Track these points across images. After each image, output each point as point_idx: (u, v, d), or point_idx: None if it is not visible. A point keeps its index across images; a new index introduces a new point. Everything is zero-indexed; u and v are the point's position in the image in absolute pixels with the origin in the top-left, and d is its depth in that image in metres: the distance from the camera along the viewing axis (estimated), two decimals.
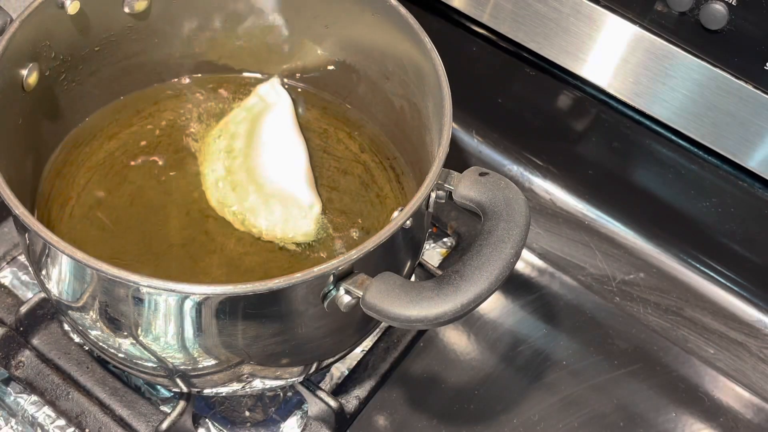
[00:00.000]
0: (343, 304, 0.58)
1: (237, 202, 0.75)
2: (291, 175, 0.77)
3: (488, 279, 0.57)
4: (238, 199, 0.75)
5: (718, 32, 0.74)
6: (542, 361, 0.83)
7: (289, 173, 0.77)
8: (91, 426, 0.74)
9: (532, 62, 0.89)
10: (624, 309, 0.88)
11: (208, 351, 0.62)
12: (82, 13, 0.72)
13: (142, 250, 0.72)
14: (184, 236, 0.74)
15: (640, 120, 0.86)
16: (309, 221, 0.75)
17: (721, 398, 0.82)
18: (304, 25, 0.79)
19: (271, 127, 0.79)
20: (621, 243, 0.92)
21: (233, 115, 0.81)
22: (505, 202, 0.61)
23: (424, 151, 0.74)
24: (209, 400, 0.79)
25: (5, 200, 0.58)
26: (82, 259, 0.56)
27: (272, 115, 0.80)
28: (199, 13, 0.80)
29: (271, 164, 0.77)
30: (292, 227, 0.74)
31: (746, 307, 0.88)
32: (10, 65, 0.66)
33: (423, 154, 0.74)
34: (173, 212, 0.75)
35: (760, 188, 0.82)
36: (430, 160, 0.63)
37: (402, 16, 0.70)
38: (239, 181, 0.76)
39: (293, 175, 0.77)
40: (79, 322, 0.65)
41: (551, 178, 0.95)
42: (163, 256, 0.72)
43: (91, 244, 0.72)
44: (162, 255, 0.72)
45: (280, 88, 0.82)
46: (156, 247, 0.73)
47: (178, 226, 0.75)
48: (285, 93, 0.82)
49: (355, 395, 0.78)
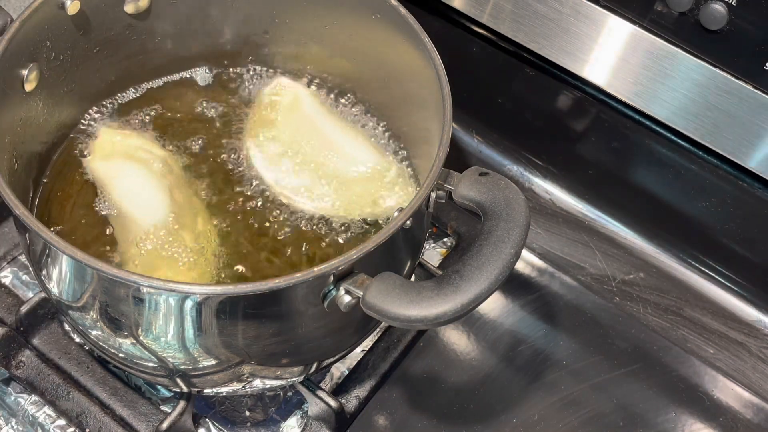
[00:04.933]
0: (343, 304, 0.58)
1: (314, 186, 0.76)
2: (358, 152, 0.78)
3: (488, 279, 0.57)
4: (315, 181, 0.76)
5: (717, 32, 0.74)
6: (542, 361, 0.83)
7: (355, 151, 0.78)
8: (91, 426, 0.74)
9: (532, 62, 0.89)
10: (624, 309, 0.88)
11: (208, 351, 0.62)
12: (82, 13, 0.72)
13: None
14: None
15: (639, 120, 0.86)
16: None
17: (720, 398, 0.82)
18: (305, 25, 0.79)
19: (311, 115, 0.80)
20: (621, 243, 0.92)
21: (260, 112, 0.81)
22: (505, 202, 0.61)
23: (424, 150, 0.74)
24: (209, 400, 0.79)
25: (5, 200, 0.58)
26: (82, 258, 0.56)
27: (302, 105, 0.81)
28: (199, 13, 0.80)
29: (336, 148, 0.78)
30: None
31: (746, 307, 0.88)
32: (10, 65, 0.66)
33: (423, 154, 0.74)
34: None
35: (760, 188, 0.82)
36: (430, 160, 0.63)
37: (402, 16, 0.70)
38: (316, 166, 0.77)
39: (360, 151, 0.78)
40: (80, 322, 0.65)
41: (551, 178, 0.95)
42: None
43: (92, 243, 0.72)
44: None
45: (292, 83, 0.83)
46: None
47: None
48: (300, 86, 0.82)
49: (355, 395, 0.78)
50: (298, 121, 0.80)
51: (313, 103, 0.81)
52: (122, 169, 0.75)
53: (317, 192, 0.76)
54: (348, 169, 0.77)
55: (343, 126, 0.81)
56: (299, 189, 0.76)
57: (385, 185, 0.77)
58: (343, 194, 0.76)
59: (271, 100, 0.81)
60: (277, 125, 0.79)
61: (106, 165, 0.75)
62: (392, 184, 0.77)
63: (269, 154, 0.78)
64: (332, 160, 0.78)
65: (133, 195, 0.73)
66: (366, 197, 0.76)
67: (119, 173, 0.74)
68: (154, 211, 0.72)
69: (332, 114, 0.81)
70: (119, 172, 0.75)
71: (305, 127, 0.79)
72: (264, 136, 0.79)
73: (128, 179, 0.74)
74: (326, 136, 0.79)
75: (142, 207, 0.72)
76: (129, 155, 0.76)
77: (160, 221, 0.71)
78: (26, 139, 0.71)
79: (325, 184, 0.76)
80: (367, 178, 0.77)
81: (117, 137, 0.77)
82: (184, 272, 0.70)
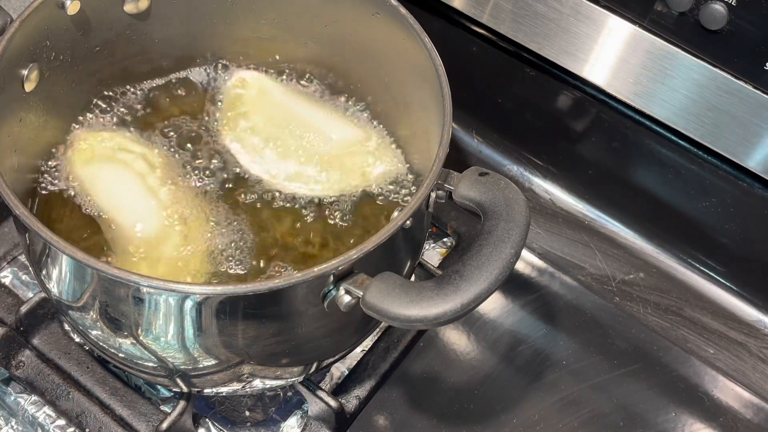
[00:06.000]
0: (343, 304, 0.58)
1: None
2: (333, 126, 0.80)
3: (488, 279, 0.57)
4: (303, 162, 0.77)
5: (717, 32, 0.74)
6: (542, 361, 0.83)
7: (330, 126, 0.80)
8: (91, 426, 0.74)
9: (532, 62, 0.89)
10: (624, 309, 0.88)
11: (208, 351, 0.62)
12: (82, 13, 0.72)
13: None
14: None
15: (639, 120, 0.86)
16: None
17: (720, 398, 0.82)
18: (305, 24, 0.79)
19: (281, 100, 0.81)
20: (621, 243, 0.92)
21: (230, 105, 0.82)
22: (505, 202, 0.61)
23: (424, 150, 0.74)
24: (209, 400, 0.79)
25: (5, 200, 0.58)
26: (82, 259, 0.56)
27: (269, 93, 0.82)
28: (199, 13, 0.80)
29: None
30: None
31: (746, 307, 0.88)
32: (10, 65, 0.66)
33: (423, 154, 0.74)
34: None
35: (760, 188, 0.82)
36: (430, 160, 0.63)
37: (402, 16, 0.70)
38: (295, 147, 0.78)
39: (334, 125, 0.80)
40: (80, 321, 0.65)
41: (551, 178, 0.95)
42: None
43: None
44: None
45: (257, 74, 0.83)
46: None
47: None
48: (264, 77, 0.83)
49: (355, 395, 0.78)
50: (270, 109, 0.80)
51: (281, 90, 0.82)
52: (109, 171, 0.75)
53: (306, 175, 0.77)
54: (330, 146, 0.78)
55: (314, 106, 0.81)
56: (289, 175, 0.77)
57: (369, 154, 0.78)
58: (332, 172, 0.77)
59: (237, 93, 0.82)
60: (250, 116, 0.80)
61: (91, 168, 0.75)
62: (376, 152, 0.79)
63: (250, 146, 0.79)
64: (313, 140, 0.79)
65: (121, 196, 0.73)
66: (354, 170, 0.77)
67: (105, 175, 0.74)
68: (145, 212, 0.72)
69: (302, 96, 0.82)
70: (105, 174, 0.74)
71: (279, 113, 0.80)
72: (241, 129, 0.79)
73: (115, 180, 0.74)
74: (301, 119, 0.80)
75: (130, 208, 0.72)
76: (114, 157, 0.75)
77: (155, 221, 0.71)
78: (26, 138, 0.71)
79: (312, 166, 0.77)
80: (350, 152, 0.78)
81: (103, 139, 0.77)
82: (182, 270, 0.70)
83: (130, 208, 0.72)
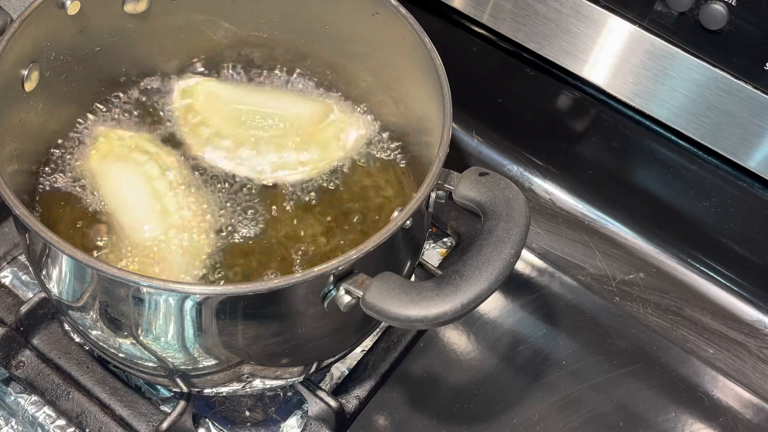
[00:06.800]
0: (343, 304, 0.58)
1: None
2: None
3: (488, 279, 0.57)
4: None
5: (717, 32, 0.74)
6: (542, 361, 0.83)
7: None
8: (91, 426, 0.74)
9: (532, 62, 0.89)
10: (624, 309, 0.88)
11: (208, 351, 0.62)
12: (82, 13, 0.72)
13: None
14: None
15: (639, 120, 0.86)
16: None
17: (720, 398, 0.82)
18: (305, 25, 0.79)
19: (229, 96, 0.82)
20: (621, 243, 0.92)
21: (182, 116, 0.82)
22: (505, 202, 0.61)
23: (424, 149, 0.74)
24: (209, 400, 0.79)
25: (5, 200, 0.58)
26: (82, 259, 0.56)
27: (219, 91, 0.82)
28: (199, 14, 0.80)
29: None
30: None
31: (746, 307, 0.88)
32: (10, 65, 0.66)
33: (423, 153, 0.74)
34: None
35: (760, 188, 0.82)
36: (430, 160, 0.63)
37: (402, 16, 0.70)
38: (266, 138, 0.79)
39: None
40: (80, 322, 0.65)
41: (551, 178, 0.95)
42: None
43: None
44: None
45: (197, 80, 0.83)
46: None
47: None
48: (206, 80, 0.83)
49: (355, 395, 0.78)
50: (225, 110, 0.80)
51: (228, 88, 0.82)
52: (118, 170, 0.75)
53: (290, 161, 0.78)
54: (297, 127, 0.79)
55: (267, 94, 0.82)
56: (273, 166, 0.78)
57: (336, 124, 0.80)
58: (312, 152, 0.78)
59: (185, 104, 0.81)
60: (209, 122, 0.80)
61: (102, 165, 0.75)
62: (341, 121, 0.80)
63: (224, 150, 0.79)
64: (280, 127, 0.79)
65: (128, 195, 0.73)
66: (330, 143, 0.79)
67: (115, 173, 0.75)
68: (148, 212, 0.72)
69: (249, 88, 0.83)
70: (115, 173, 0.75)
71: (235, 111, 0.80)
72: (206, 137, 0.79)
73: (124, 180, 0.74)
74: (259, 110, 0.80)
75: (136, 207, 0.72)
76: (125, 156, 0.76)
77: (156, 222, 0.71)
78: (26, 139, 0.71)
79: (290, 151, 0.78)
80: (318, 128, 0.79)
81: (114, 138, 0.77)
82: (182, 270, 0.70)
83: (135, 209, 0.72)
